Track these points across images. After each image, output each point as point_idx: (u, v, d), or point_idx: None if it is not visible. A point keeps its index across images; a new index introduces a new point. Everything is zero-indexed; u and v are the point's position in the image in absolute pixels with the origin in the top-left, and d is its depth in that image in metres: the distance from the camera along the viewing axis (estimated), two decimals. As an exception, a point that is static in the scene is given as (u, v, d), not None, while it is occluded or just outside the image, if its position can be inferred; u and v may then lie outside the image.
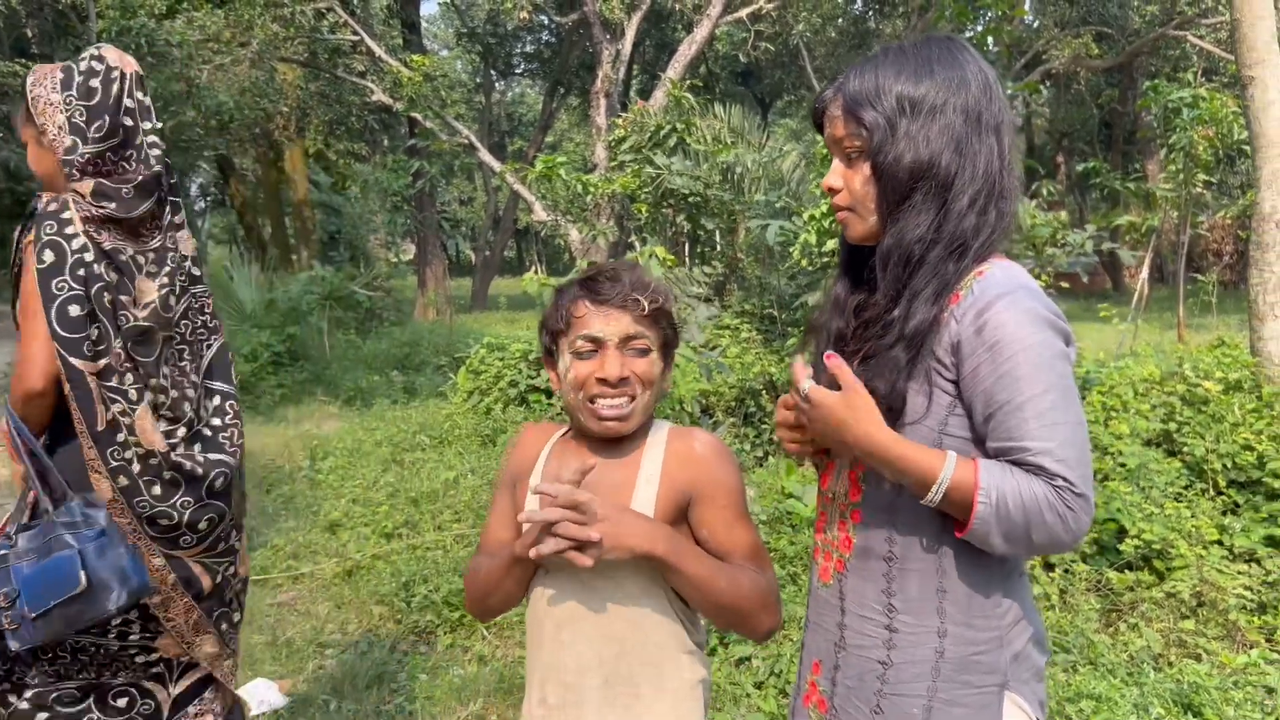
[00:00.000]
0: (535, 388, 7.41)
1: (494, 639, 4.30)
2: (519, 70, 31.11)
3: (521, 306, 20.65)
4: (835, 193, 1.58)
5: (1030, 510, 1.36)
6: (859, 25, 28.20)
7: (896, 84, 1.49)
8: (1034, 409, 1.38)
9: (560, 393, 1.76)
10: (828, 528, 1.65)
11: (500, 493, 1.81)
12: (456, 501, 5.70)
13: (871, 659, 1.55)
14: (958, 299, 1.47)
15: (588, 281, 1.71)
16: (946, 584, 1.51)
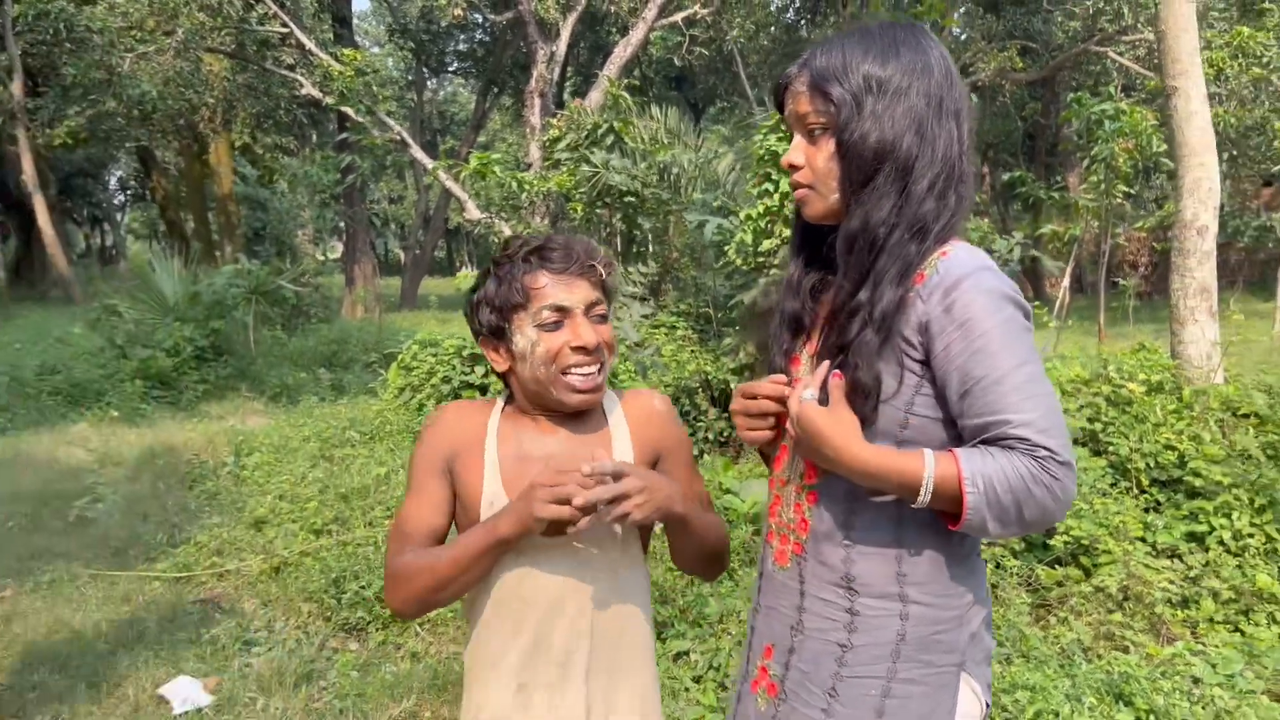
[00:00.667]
0: (469, 384, 7.31)
1: (427, 635, 4.22)
2: (452, 68, 30.84)
3: (454, 306, 20.46)
4: (796, 169, 1.56)
5: (1017, 489, 1.35)
6: (791, 34, 28.51)
7: (864, 63, 1.47)
8: (1011, 382, 1.38)
9: (514, 371, 1.68)
10: (782, 510, 1.63)
11: (427, 477, 1.67)
12: (388, 498, 5.60)
13: (830, 641, 1.53)
14: (922, 279, 1.46)
15: (541, 251, 1.64)
16: (906, 565, 1.50)
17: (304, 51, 17.43)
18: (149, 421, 8.76)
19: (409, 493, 1.68)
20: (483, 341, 1.71)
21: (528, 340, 1.62)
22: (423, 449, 1.68)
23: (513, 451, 1.67)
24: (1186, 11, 6.07)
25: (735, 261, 7.21)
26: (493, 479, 1.64)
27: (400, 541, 1.64)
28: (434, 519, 1.65)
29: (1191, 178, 6.15)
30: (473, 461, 1.66)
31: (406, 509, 1.66)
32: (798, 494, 1.59)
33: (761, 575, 1.69)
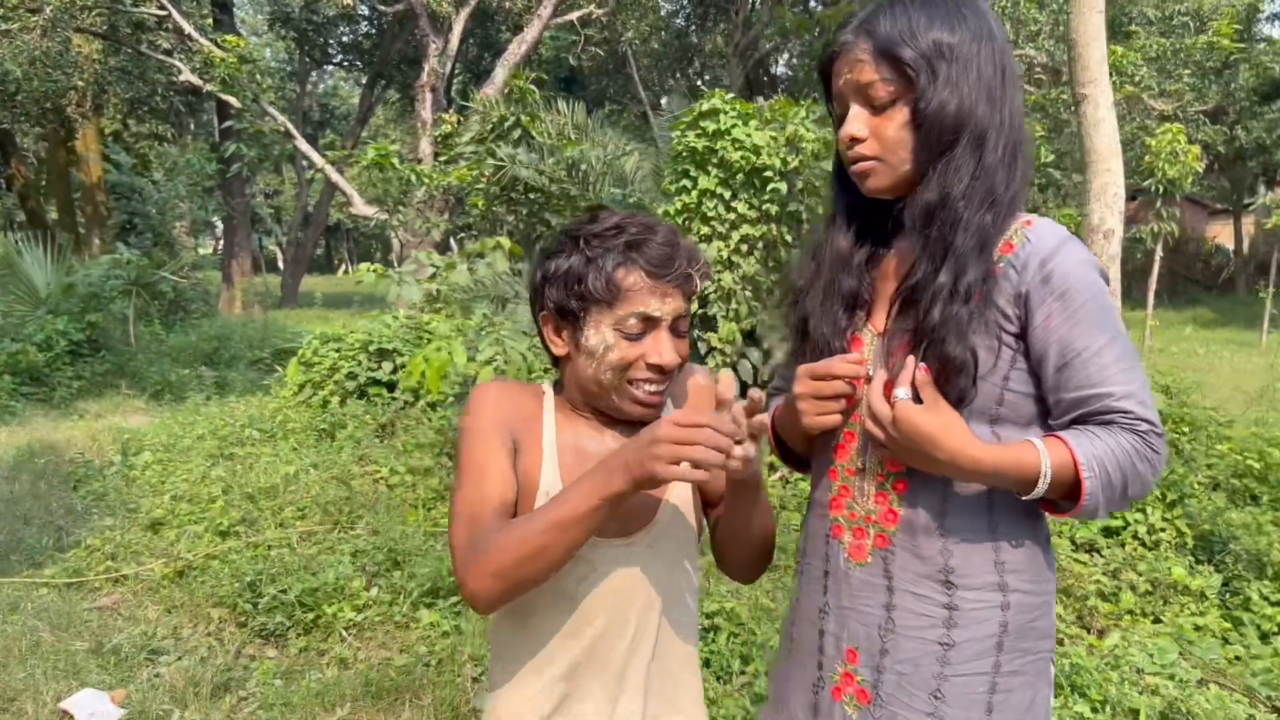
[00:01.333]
0: (376, 380, 7.04)
1: (354, 641, 3.98)
2: (336, 60, 29.99)
3: (340, 304, 19.88)
4: (858, 142, 1.45)
5: (1125, 467, 1.35)
6: (681, 39, 28.68)
7: (931, 28, 1.39)
8: (1112, 353, 1.36)
9: (572, 361, 1.50)
10: (854, 502, 1.52)
11: (493, 448, 1.45)
12: (299, 498, 5.31)
13: (929, 639, 1.44)
14: (1011, 248, 1.41)
15: (641, 247, 1.44)
16: (1004, 553, 1.44)
17: (182, 36, 16.70)
18: (20, 420, 8.19)
19: (467, 472, 1.44)
20: (544, 318, 1.52)
21: (602, 340, 1.45)
22: (481, 421, 1.47)
23: (570, 443, 1.51)
24: (1096, 22, 6.25)
25: (653, 258, 7.10)
26: (551, 469, 1.48)
27: (473, 524, 1.39)
28: (506, 493, 1.43)
29: (1099, 183, 6.33)
30: (532, 444, 1.50)
31: (468, 490, 1.43)
32: (879, 483, 1.49)
33: (827, 574, 1.56)
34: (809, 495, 1.67)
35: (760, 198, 6.56)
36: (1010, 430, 1.42)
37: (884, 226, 1.54)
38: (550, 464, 1.48)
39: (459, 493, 1.44)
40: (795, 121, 6.57)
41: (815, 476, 1.63)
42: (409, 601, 4.17)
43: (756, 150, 6.51)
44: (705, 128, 6.69)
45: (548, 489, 1.45)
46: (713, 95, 6.86)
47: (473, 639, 3.82)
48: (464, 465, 1.46)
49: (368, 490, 5.45)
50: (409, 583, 4.27)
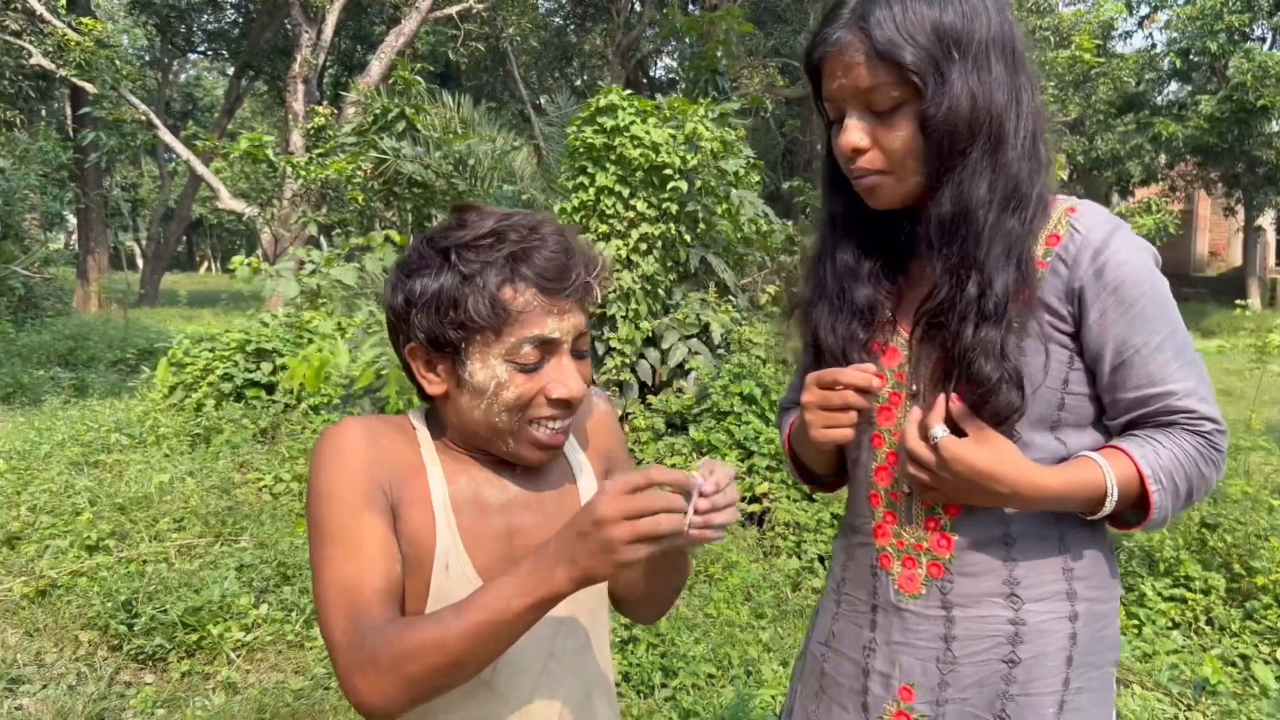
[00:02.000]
0: (254, 382, 6.67)
1: (244, 663, 3.70)
2: (201, 48, 28.74)
3: (204, 303, 19.03)
4: (860, 153, 1.30)
5: (1191, 474, 1.28)
6: (560, 37, 28.51)
7: (930, 14, 1.23)
8: (1172, 349, 1.28)
9: (451, 400, 1.26)
10: (900, 529, 1.40)
11: (367, 513, 1.18)
12: (175, 508, 4.94)
13: (994, 659, 1.33)
14: (1058, 240, 1.30)
15: (527, 259, 1.19)
16: (1071, 559, 1.34)
17: (33, 17, 15.74)
18: None
19: (334, 543, 1.16)
20: (412, 351, 1.25)
21: (492, 376, 1.21)
22: (345, 476, 1.18)
23: (467, 496, 1.26)
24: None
25: (547, 256, 6.92)
26: (447, 531, 1.23)
27: (355, 612, 1.13)
28: (392, 567, 1.18)
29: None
30: (416, 502, 1.23)
31: (340, 566, 1.15)
32: (928, 508, 1.37)
33: (875, 609, 1.43)
34: (845, 520, 1.54)
35: (659, 196, 6.45)
36: (1072, 434, 1.32)
37: (893, 230, 1.40)
38: (446, 525, 1.23)
39: (326, 569, 1.16)
40: (694, 119, 6.48)
41: (853, 501, 1.49)
42: (302, 619, 3.90)
43: (656, 148, 6.40)
44: (603, 124, 6.54)
45: (445, 556, 1.21)
46: (609, 91, 6.73)
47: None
48: (327, 534, 1.16)
49: (251, 499, 5.12)
50: (301, 599, 4.00)
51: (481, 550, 1.24)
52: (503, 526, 1.27)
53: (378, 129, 9.34)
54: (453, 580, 1.21)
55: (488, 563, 1.24)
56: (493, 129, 10.50)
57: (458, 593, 1.16)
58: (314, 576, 1.18)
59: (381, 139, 9.09)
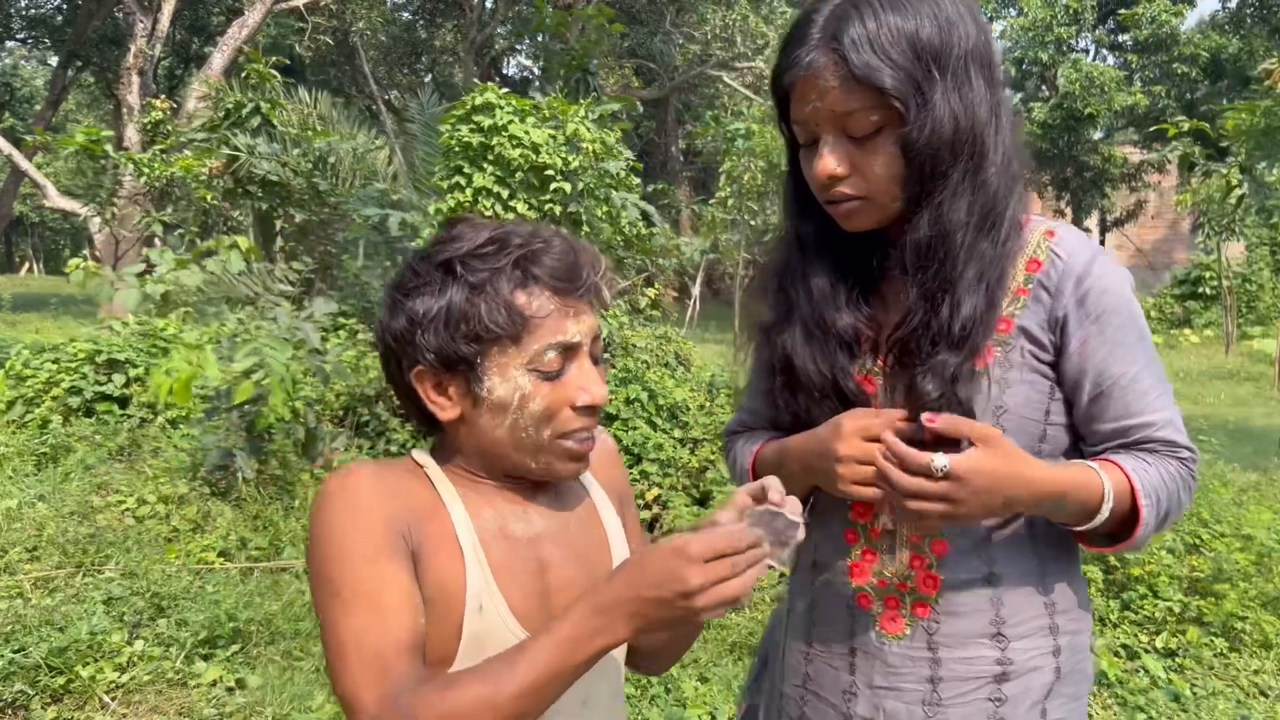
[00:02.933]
0: (105, 395, 6.20)
1: (120, 706, 3.38)
2: (20, 36, 26.88)
3: (29, 306, 17.76)
4: (837, 180, 1.22)
5: (1173, 496, 1.25)
6: (410, 33, 27.90)
7: (906, 28, 1.16)
8: (1149, 379, 1.26)
9: (467, 422, 1.17)
10: (881, 568, 1.32)
11: (385, 562, 1.08)
12: (26, 536, 4.52)
13: (980, 699, 1.27)
14: (1039, 266, 1.25)
15: (536, 262, 1.13)
16: (1053, 594, 1.30)
17: None
18: None
19: (353, 597, 1.06)
20: (419, 374, 1.15)
21: (514, 389, 1.13)
22: (364, 523, 1.08)
23: (493, 530, 1.17)
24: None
25: (422, 259, 6.69)
26: (478, 570, 1.13)
27: (384, 674, 1.03)
28: (418, 621, 1.08)
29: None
30: (441, 543, 1.13)
31: (366, 620, 1.05)
32: (913, 545, 1.29)
33: (854, 651, 1.35)
34: (805, 555, 1.44)
35: (541, 198, 6.31)
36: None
37: (868, 251, 1.33)
38: (476, 563, 1.14)
39: (344, 628, 1.06)
40: (575, 120, 6.37)
41: (821, 536, 1.39)
42: (183, 654, 3.61)
43: (536, 148, 6.26)
44: (479, 123, 6.37)
45: (479, 596, 1.12)
46: (485, 89, 6.56)
47: (271, 694, 3.34)
48: (342, 590, 1.07)
49: (114, 524, 4.73)
50: (180, 632, 3.70)
51: (515, 587, 1.15)
52: (534, 561, 1.19)
53: (230, 125, 8.87)
54: (487, 621, 1.12)
55: (522, 599, 1.16)
56: (352, 126, 10.13)
57: (494, 633, 1.11)
58: (327, 637, 1.07)
59: (235, 135, 8.64)
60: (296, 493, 5.34)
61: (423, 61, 29.62)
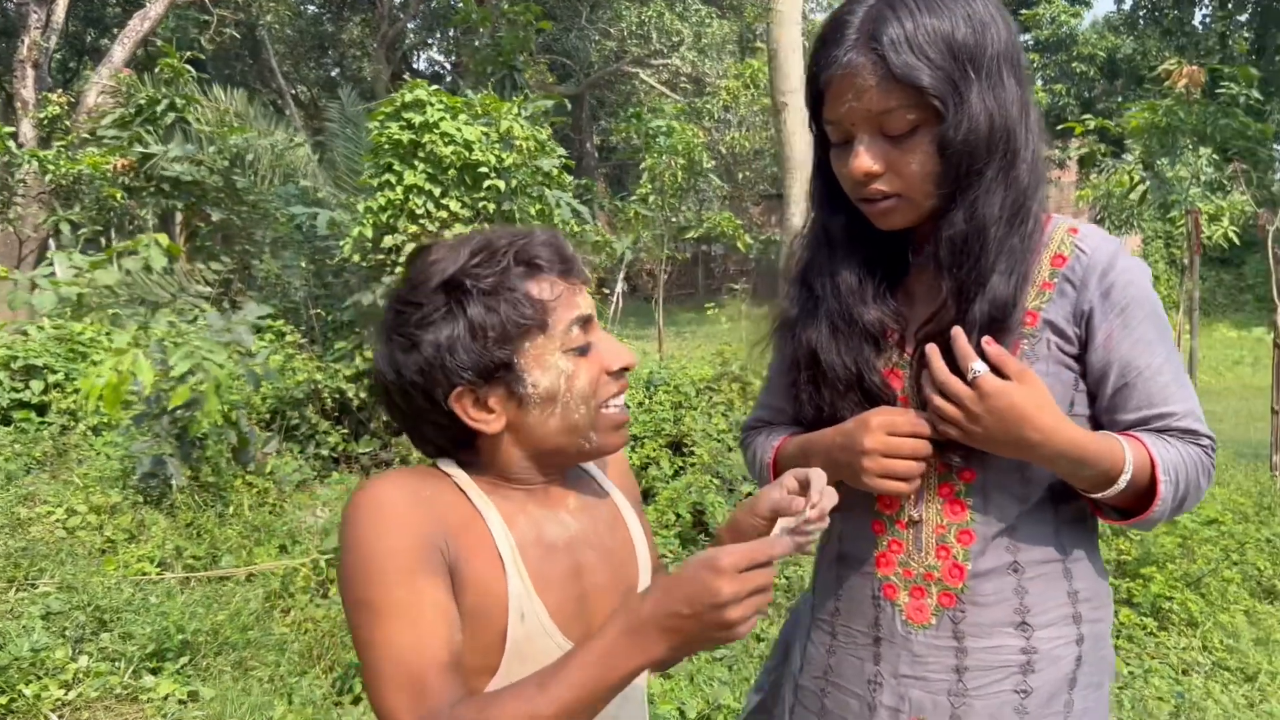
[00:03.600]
0: (22, 403, 5.98)
1: (68, 724, 3.28)
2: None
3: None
4: (873, 178, 1.25)
5: (1191, 479, 1.27)
6: (317, 26, 27.37)
7: (942, 30, 1.19)
8: (1170, 371, 1.28)
9: (515, 428, 1.17)
10: (908, 558, 1.35)
11: (423, 578, 1.07)
12: (-48, 552, 4.35)
13: (1005, 690, 1.29)
14: (1063, 261, 1.29)
15: (531, 252, 1.15)
16: (1076, 580, 1.33)
17: None
18: None
19: (389, 613, 1.05)
20: (459, 395, 1.14)
21: (558, 374, 1.15)
22: (399, 536, 1.07)
23: (530, 537, 1.17)
24: (795, 34, 6.55)
25: (353, 259, 6.58)
26: (517, 577, 1.13)
27: (421, 692, 1.02)
28: (454, 636, 1.07)
29: (799, 189, 6.64)
30: (480, 552, 1.13)
31: (402, 636, 1.04)
32: (939, 536, 1.32)
33: (879, 640, 1.37)
34: (830, 547, 1.47)
35: (474, 195, 6.26)
36: None
37: (895, 247, 1.36)
38: (515, 571, 1.14)
39: (380, 646, 1.05)
40: (508, 118, 6.33)
41: (848, 527, 1.42)
42: (130, 669, 3.51)
43: (469, 146, 6.21)
44: (410, 119, 6.29)
45: (520, 603, 1.13)
46: (415, 85, 6.48)
47: (229, 705, 3.27)
48: (378, 607, 1.05)
49: (45, 536, 4.57)
50: (126, 646, 3.59)
51: (553, 593, 1.16)
52: (570, 566, 1.19)
53: (143, 121, 8.61)
54: (529, 628, 1.13)
55: (560, 605, 1.16)
56: (269, 123, 9.91)
57: (535, 640, 1.12)
58: (364, 655, 1.06)
59: (148, 132, 8.38)
60: (230, 499, 5.22)
61: (330, 56, 29.10)
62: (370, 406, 6.63)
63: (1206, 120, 9.82)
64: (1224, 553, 4.69)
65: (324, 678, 3.52)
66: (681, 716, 3.14)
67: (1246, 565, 4.69)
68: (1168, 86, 10.93)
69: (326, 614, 3.96)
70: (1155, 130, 10.21)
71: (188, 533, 4.85)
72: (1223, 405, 11.12)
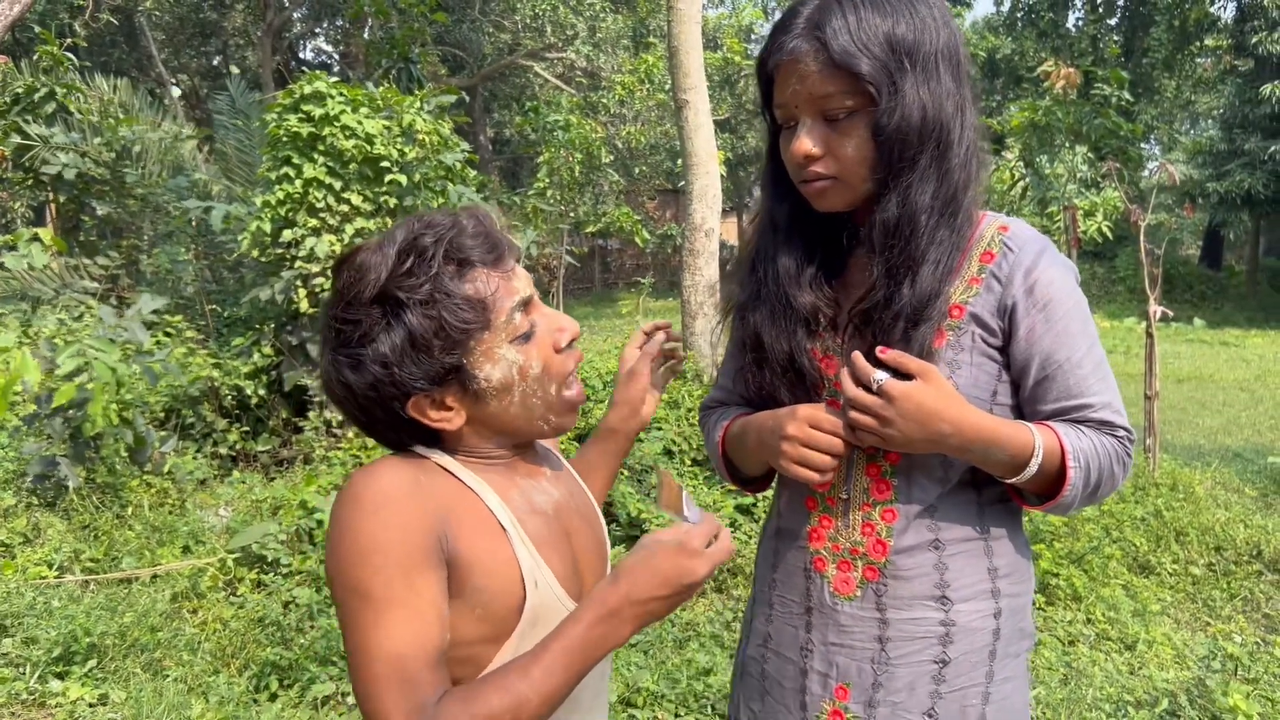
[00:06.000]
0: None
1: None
2: None
3: None
4: (813, 159, 1.33)
5: (1104, 467, 1.34)
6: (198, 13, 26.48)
7: (884, 25, 1.27)
8: (1090, 364, 1.36)
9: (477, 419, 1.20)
10: (837, 534, 1.43)
11: (416, 572, 1.07)
12: None
13: (926, 659, 1.39)
14: (991, 258, 1.37)
15: (460, 244, 1.14)
16: (996, 558, 1.42)
17: None
18: None
19: (382, 607, 1.06)
20: (416, 403, 1.15)
21: (509, 365, 1.17)
22: (395, 530, 1.07)
23: (525, 508, 1.21)
24: (694, 32, 6.65)
25: (251, 254, 6.46)
26: (523, 547, 1.17)
27: (410, 689, 1.03)
28: (444, 635, 1.09)
29: (700, 185, 6.75)
30: (483, 531, 1.15)
31: (395, 632, 1.05)
32: (865, 513, 1.41)
33: (810, 610, 1.46)
34: (771, 522, 1.57)
35: (375, 189, 6.21)
36: None
37: (835, 234, 1.45)
38: (522, 543, 1.17)
39: (372, 637, 1.05)
40: (410, 111, 6.30)
41: (785, 505, 1.52)
42: (36, 674, 3.42)
43: (370, 139, 6.16)
44: (309, 112, 6.20)
45: (532, 575, 1.16)
46: (315, 77, 6.38)
47: (143, 705, 3.22)
48: (373, 597, 1.06)
49: (-66, 543, 4.40)
50: (30, 650, 3.50)
51: (554, 558, 1.20)
52: (560, 531, 1.25)
53: (20, 111, 8.27)
54: (543, 596, 1.17)
55: (561, 568, 1.21)
56: (154, 113, 9.62)
57: (547, 605, 1.16)
58: (353, 643, 1.07)
59: (27, 122, 8.06)
60: (128, 500, 5.10)
61: (212, 44, 28.20)
62: (269, 404, 6.53)
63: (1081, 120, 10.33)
64: (1104, 531, 4.97)
65: (239, 677, 3.49)
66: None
67: (1125, 542, 4.98)
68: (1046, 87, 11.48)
69: (236, 613, 3.92)
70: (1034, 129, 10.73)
71: (85, 535, 4.73)
72: (1097, 392, 11.63)
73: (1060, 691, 3.40)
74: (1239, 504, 5.76)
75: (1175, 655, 3.92)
